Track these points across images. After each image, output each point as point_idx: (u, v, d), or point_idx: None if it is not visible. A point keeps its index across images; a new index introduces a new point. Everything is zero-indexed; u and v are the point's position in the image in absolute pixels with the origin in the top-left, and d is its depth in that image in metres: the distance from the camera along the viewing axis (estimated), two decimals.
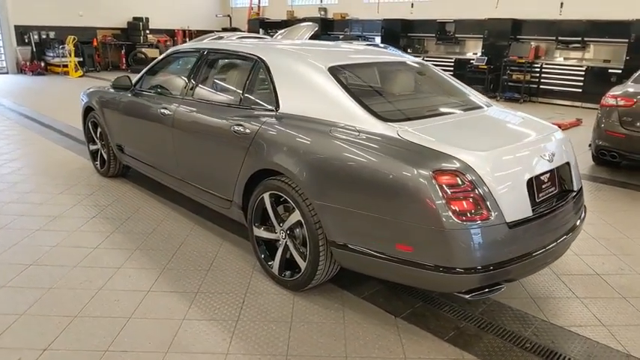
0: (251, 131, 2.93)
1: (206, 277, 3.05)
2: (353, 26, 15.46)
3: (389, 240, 2.34)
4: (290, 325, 2.59)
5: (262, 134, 2.85)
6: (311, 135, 2.62)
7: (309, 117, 2.73)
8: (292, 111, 2.83)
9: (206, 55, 3.58)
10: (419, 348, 2.43)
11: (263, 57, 3.11)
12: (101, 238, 3.60)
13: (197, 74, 3.58)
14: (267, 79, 3.05)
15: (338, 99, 2.70)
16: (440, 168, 2.21)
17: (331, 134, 2.55)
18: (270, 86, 3.00)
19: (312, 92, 2.81)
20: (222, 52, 3.51)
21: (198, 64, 3.60)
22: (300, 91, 2.86)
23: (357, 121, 2.57)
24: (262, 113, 2.97)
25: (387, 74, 3.17)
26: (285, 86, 2.92)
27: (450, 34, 12.77)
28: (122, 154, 4.62)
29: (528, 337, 2.54)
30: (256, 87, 3.17)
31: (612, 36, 9.78)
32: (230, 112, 3.19)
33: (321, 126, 2.63)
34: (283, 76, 2.96)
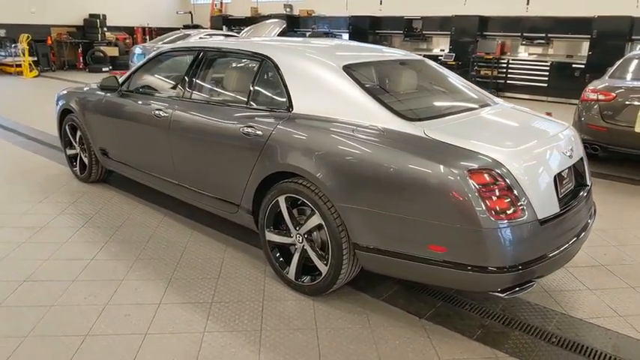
0: (264, 133, 2.82)
1: (217, 286, 2.93)
2: (319, 23, 15.41)
3: (421, 241, 2.30)
4: (316, 332, 2.51)
5: (277, 136, 2.75)
6: (334, 136, 2.54)
7: (328, 117, 2.65)
8: (308, 111, 2.74)
9: (204, 55, 3.43)
10: (451, 349, 2.41)
11: (271, 56, 3.00)
12: (95, 248, 3.39)
13: (195, 74, 3.43)
14: (277, 79, 2.95)
15: (357, 98, 2.64)
16: (474, 167, 2.19)
17: (355, 135, 2.49)
18: (281, 86, 2.90)
19: (328, 92, 2.74)
20: (224, 51, 3.37)
21: (195, 64, 3.44)
22: (315, 91, 2.78)
23: (380, 120, 2.52)
24: (275, 114, 2.87)
25: (397, 72, 3.14)
26: (298, 86, 2.83)
27: (417, 30, 12.94)
28: (106, 158, 4.38)
29: (552, 332, 2.57)
30: (265, 87, 3.06)
31: (575, 32, 10.17)
32: (236, 113, 3.07)
33: (343, 126, 2.56)
34: (296, 75, 2.86)
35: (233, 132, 3.01)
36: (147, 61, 3.92)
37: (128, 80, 4.02)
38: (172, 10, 19.48)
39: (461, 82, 3.32)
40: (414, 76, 3.16)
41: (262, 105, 3.01)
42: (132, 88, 3.98)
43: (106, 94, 4.16)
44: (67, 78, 13.94)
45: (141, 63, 3.98)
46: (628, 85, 4.89)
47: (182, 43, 3.87)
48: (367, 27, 13.68)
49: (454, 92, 3.08)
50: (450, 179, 2.18)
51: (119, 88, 3.98)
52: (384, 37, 13.89)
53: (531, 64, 10.78)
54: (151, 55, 3.91)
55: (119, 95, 4.01)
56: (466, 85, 3.29)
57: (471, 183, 2.16)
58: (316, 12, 15.81)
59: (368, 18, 13.66)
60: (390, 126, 2.48)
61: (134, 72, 4.00)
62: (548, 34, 10.55)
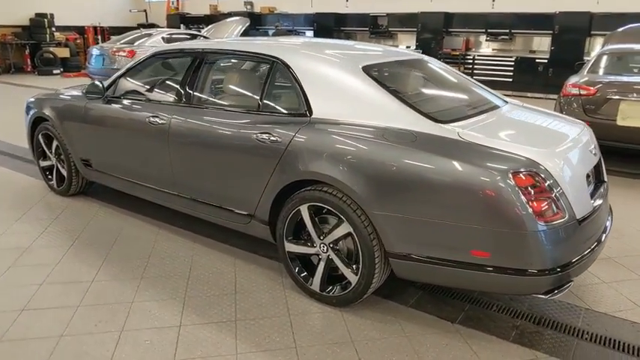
0: (283, 139, 2.69)
1: (237, 302, 2.78)
2: (282, 20, 15.22)
3: (463, 247, 2.25)
4: (353, 345, 2.42)
5: (299, 142, 2.63)
6: (364, 141, 2.44)
7: (353, 122, 2.55)
8: (329, 116, 2.63)
9: (205, 57, 3.24)
10: (492, 354, 2.37)
11: (284, 59, 2.86)
12: (93, 269, 3.15)
13: (196, 78, 3.23)
14: (291, 82, 2.82)
15: (382, 101, 2.56)
16: (517, 169, 2.15)
17: (387, 139, 2.40)
18: (297, 90, 2.77)
19: (350, 95, 2.64)
20: (227, 53, 3.20)
21: (196, 67, 3.24)
22: (335, 95, 2.67)
23: (409, 123, 2.45)
24: (293, 119, 2.74)
25: (413, 72, 3.07)
26: (317, 90, 2.71)
27: (382, 27, 13.01)
28: (89, 169, 4.10)
29: (583, 328, 2.59)
30: (277, 91, 2.93)
31: (537, 28, 10.51)
32: (246, 118, 2.92)
33: (372, 131, 2.47)
34: (312, 78, 2.74)
35: (245, 139, 2.86)
36: (135, 65, 3.68)
37: (114, 85, 3.76)
38: (125, 9, 18.70)
39: (470, 80, 3.30)
40: (429, 75, 3.11)
41: (276, 110, 2.87)
42: (119, 94, 3.73)
43: (88, 101, 3.88)
44: (15, 82, 13.12)
45: (128, 66, 3.73)
46: (608, 80, 5.07)
47: (178, 44, 3.64)
48: (332, 24, 13.63)
49: (468, 92, 3.05)
50: (494, 183, 2.13)
51: (104, 94, 3.72)
52: (350, 34, 13.88)
53: (497, 60, 11.07)
54: (139, 58, 3.67)
55: (105, 102, 3.75)
56: (475, 83, 3.27)
57: (515, 185, 2.12)
58: (278, 9, 15.61)
59: (333, 15, 13.61)
60: (421, 129, 2.41)
61: (120, 76, 3.75)
62: (511, 29, 10.86)
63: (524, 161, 2.20)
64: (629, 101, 4.80)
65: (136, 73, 3.72)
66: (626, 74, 5.29)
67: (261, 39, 3.39)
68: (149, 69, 3.69)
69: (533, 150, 2.28)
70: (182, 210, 3.50)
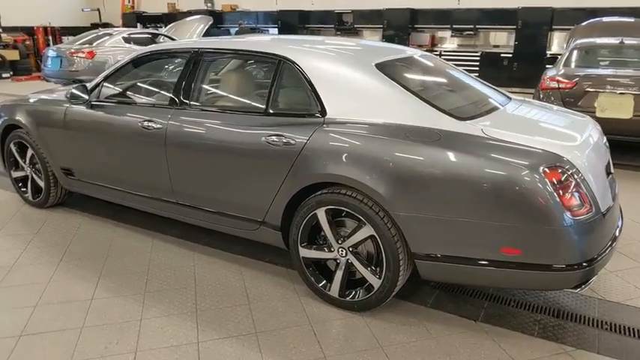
0: (297, 141, 2.58)
1: (253, 313, 2.66)
2: (245, 18, 14.94)
3: (493, 245, 2.23)
4: (383, 350, 2.36)
5: (315, 144, 2.53)
6: (387, 141, 2.38)
7: (372, 121, 2.48)
8: (345, 116, 2.55)
9: (202, 56, 3.08)
10: (521, 350, 2.37)
11: (292, 57, 2.75)
12: (89, 285, 2.95)
13: (194, 79, 3.06)
14: (301, 82, 2.71)
15: (400, 99, 2.50)
16: (546, 164, 2.15)
17: (411, 138, 2.35)
18: (308, 90, 2.67)
19: (366, 93, 2.56)
20: (228, 52, 3.05)
21: (193, 67, 3.08)
22: (350, 93, 2.59)
23: (431, 121, 2.40)
24: (305, 120, 2.64)
25: (421, 69, 3.03)
26: (330, 89, 2.62)
27: (348, 24, 13.00)
28: (70, 179, 3.85)
29: (600, 318, 2.62)
30: (286, 91, 2.81)
31: (501, 23, 10.78)
32: (253, 120, 2.80)
33: (394, 130, 2.41)
34: (324, 77, 2.65)
35: (253, 142, 2.73)
36: (121, 66, 3.46)
37: (98, 88, 3.54)
38: (77, 8, 17.88)
39: (472, 77, 3.29)
40: (436, 72, 3.07)
41: (286, 111, 2.76)
42: (104, 97, 3.51)
43: (69, 106, 3.63)
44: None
45: (113, 68, 3.51)
46: (585, 73, 5.22)
47: (170, 44, 3.45)
48: (297, 21, 13.50)
49: (476, 88, 3.03)
50: (525, 179, 2.12)
51: (89, 98, 3.48)
52: (314, 31, 13.80)
53: (463, 55, 11.26)
54: (125, 59, 3.45)
55: (89, 106, 3.51)
56: (478, 80, 3.27)
57: (546, 181, 2.11)
58: (240, 7, 15.33)
59: (297, 12, 13.49)
60: (443, 127, 2.37)
61: (105, 79, 3.53)
62: (476, 25, 11.09)
63: (552, 156, 2.20)
64: (607, 93, 4.96)
65: (123, 75, 3.51)
66: (601, 67, 5.47)
67: (260, 37, 3.26)
68: (137, 71, 3.49)
69: (557, 144, 2.29)
70: (180, 219, 3.33)
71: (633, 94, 4.86)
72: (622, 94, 4.90)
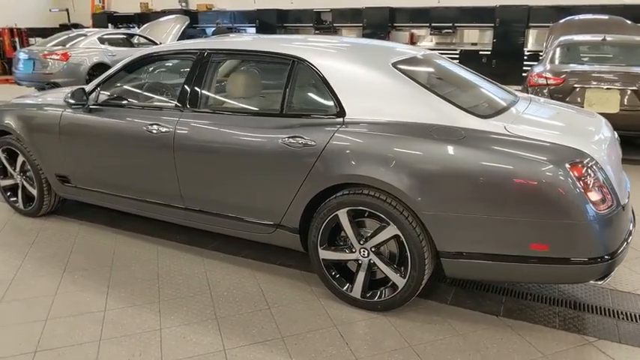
0: (317, 142, 2.55)
1: (275, 318, 2.62)
2: (221, 18, 14.75)
3: (521, 242, 2.25)
4: (413, 350, 2.35)
5: (336, 144, 2.50)
6: (410, 140, 2.37)
7: (393, 121, 2.47)
8: (365, 116, 2.53)
9: (210, 57, 3.00)
10: (547, 343, 2.40)
11: (307, 58, 2.71)
12: (100, 296, 2.84)
13: (203, 80, 2.99)
14: (317, 83, 2.68)
15: (421, 98, 2.50)
16: (572, 160, 2.18)
17: (435, 137, 2.35)
18: (325, 90, 2.64)
19: (386, 93, 2.55)
20: (238, 53, 2.98)
21: (200, 69, 3.00)
22: (370, 94, 2.57)
23: (453, 120, 2.41)
24: (324, 121, 2.61)
25: (433, 68, 3.03)
26: (348, 89, 2.60)
27: (327, 23, 13.00)
28: (66, 186, 3.71)
29: (615, 308, 2.69)
30: (302, 92, 2.78)
31: (480, 21, 10.98)
32: (268, 122, 2.75)
33: (417, 129, 2.40)
34: (342, 77, 2.62)
35: (270, 144, 2.69)
36: (122, 69, 3.35)
37: (95, 91, 3.42)
38: (44, 8, 17.34)
39: (479, 75, 3.33)
40: (446, 71, 3.08)
41: (303, 112, 2.72)
42: (104, 101, 3.39)
43: (64, 110, 3.50)
44: None
45: (112, 71, 3.39)
46: (573, 70, 5.36)
47: (174, 45, 3.35)
48: (275, 21, 13.42)
49: (486, 86, 3.06)
50: (552, 175, 2.15)
51: (87, 102, 3.36)
52: (293, 30, 13.75)
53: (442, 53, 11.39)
54: (124, 61, 3.34)
55: (87, 110, 3.39)
56: (485, 78, 3.30)
57: (573, 176, 2.15)
58: (216, 6, 15.13)
59: (275, 11, 13.41)
60: (466, 125, 2.38)
61: (103, 82, 3.41)
62: (454, 23, 11.25)
63: (575, 151, 2.24)
64: (594, 89, 5.10)
65: (123, 77, 3.40)
66: (587, 63, 5.63)
67: (270, 37, 3.21)
68: (139, 73, 3.39)
69: (577, 140, 2.33)
70: (188, 224, 3.26)
71: (619, 89, 5.01)
72: (608, 90, 5.05)
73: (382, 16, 11.94)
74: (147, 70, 3.41)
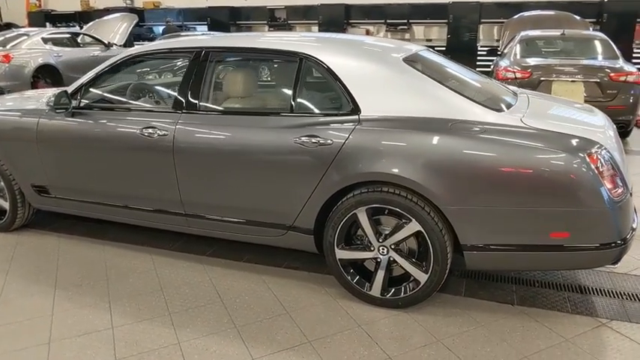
0: (334, 141, 2.51)
1: (297, 322, 2.55)
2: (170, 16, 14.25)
3: (542, 230, 2.32)
4: (442, 343, 2.37)
5: (354, 142, 2.47)
6: (431, 135, 2.38)
7: (411, 117, 2.47)
8: (382, 112, 2.51)
9: (210, 55, 2.87)
10: (565, 328, 2.49)
11: (315, 55, 2.65)
12: (103, 313, 2.66)
13: (202, 80, 2.85)
14: (328, 80, 2.63)
15: (437, 93, 2.51)
16: (589, 149, 2.27)
17: (456, 132, 2.36)
18: (337, 87, 2.60)
19: (401, 89, 2.54)
20: (240, 50, 2.87)
21: (200, 67, 2.86)
22: (384, 90, 2.55)
23: (469, 114, 2.44)
24: (339, 119, 2.56)
25: (438, 64, 3.05)
26: (361, 86, 2.57)
27: (281, 20, 12.88)
28: (44, 197, 3.45)
29: (617, 289, 2.82)
30: (312, 90, 2.72)
31: (433, 17, 11.25)
32: (278, 122, 2.67)
33: (437, 124, 2.41)
34: (354, 74, 2.59)
35: (281, 144, 2.62)
36: (107, 69, 3.14)
37: (78, 94, 3.19)
38: None
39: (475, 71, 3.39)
40: (449, 67, 3.11)
41: (313, 110, 2.67)
42: (88, 104, 3.18)
43: (42, 115, 3.25)
44: None
45: (97, 71, 3.17)
46: (539, 63, 5.60)
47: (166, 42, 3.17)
48: (227, 18, 13.14)
49: (487, 81, 3.12)
50: (573, 164, 2.23)
51: (70, 106, 3.13)
52: (246, 28, 13.53)
53: None
54: (111, 60, 3.14)
55: (69, 114, 3.16)
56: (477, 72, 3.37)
57: (592, 165, 2.23)
58: (164, 4, 14.61)
59: (228, 9, 13.12)
60: (483, 118, 2.42)
61: (86, 84, 3.19)
62: (409, 20, 11.48)
63: (590, 141, 2.33)
64: (560, 81, 5.36)
65: (109, 78, 3.19)
66: (551, 57, 5.90)
67: (273, 34, 3.12)
68: (127, 73, 3.20)
69: (587, 130, 2.43)
70: (188, 231, 3.13)
71: (583, 82, 5.29)
72: (573, 82, 5.32)
73: (337, 12, 11.99)
74: (135, 69, 3.22)
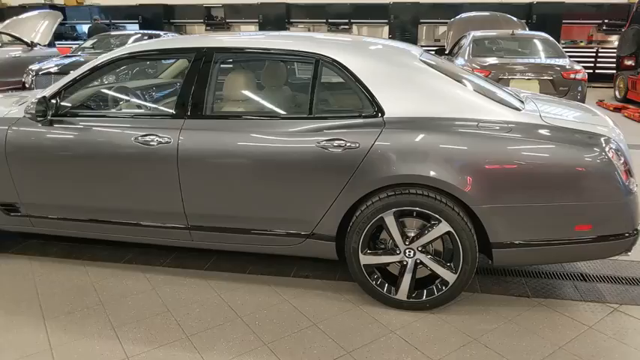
0: (361, 144, 2.43)
1: (328, 333, 2.45)
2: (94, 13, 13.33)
3: (567, 224, 2.40)
4: (479, 342, 2.38)
5: (383, 145, 2.41)
6: (461, 136, 2.37)
7: (436, 117, 2.45)
8: (406, 114, 2.47)
9: (215, 56, 2.67)
10: (583, 315, 2.60)
11: (332, 56, 2.55)
12: (111, 343, 2.40)
13: (208, 82, 2.64)
14: (347, 81, 2.55)
15: (457, 92, 2.52)
16: (611, 146, 2.38)
17: (484, 131, 2.38)
18: (358, 89, 2.52)
19: (422, 89, 2.51)
20: (250, 51, 2.69)
21: (204, 69, 2.65)
22: (406, 90, 2.51)
23: (492, 113, 2.47)
24: (363, 122, 2.49)
25: (446, 64, 3.05)
26: (383, 87, 2.51)
27: (218, 19, 12.49)
28: (13, 216, 3.06)
29: (620, 275, 2.98)
30: (331, 92, 2.63)
31: (375, 17, 11.44)
32: (295, 125, 2.55)
33: (464, 124, 2.41)
34: (375, 75, 2.52)
35: (302, 149, 2.50)
36: (90, 71, 2.82)
37: (57, 100, 2.85)
38: None
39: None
40: (454, 68, 3.13)
41: (334, 113, 2.58)
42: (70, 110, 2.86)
43: (12, 125, 2.87)
44: None
45: (77, 74, 2.84)
46: (496, 62, 5.85)
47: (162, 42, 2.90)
48: (161, 17, 12.53)
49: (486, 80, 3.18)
50: (597, 159, 2.32)
51: (47, 113, 2.79)
52: (181, 27, 12.99)
53: None
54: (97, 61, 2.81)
55: (47, 123, 2.82)
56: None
57: (613, 159, 2.34)
58: (88, 1, 13.64)
59: (161, 6, 12.51)
60: (506, 117, 2.46)
61: (66, 88, 2.85)
62: (350, 19, 11.59)
63: (607, 137, 2.44)
64: (517, 79, 5.65)
65: (93, 81, 2.88)
66: (504, 56, 6.19)
67: (280, 33, 2.96)
68: (113, 75, 2.90)
69: (602, 127, 2.55)
70: (190, 245, 2.91)
71: (538, 79, 5.62)
72: (529, 80, 5.62)
73: (278, 11, 11.84)
74: (125, 72, 2.93)
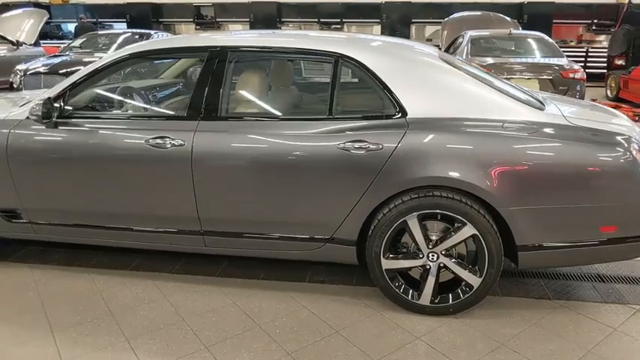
0: (385, 146, 2.36)
1: (353, 341, 2.38)
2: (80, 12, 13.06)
3: (593, 226, 2.37)
4: (507, 347, 2.33)
5: (408, 146, 2.35)
6: (487, 137, 2.32)
7: (461, 117, 2.39)
8: (429, 114, 2.41)
9: (230, 56, 2.58)
10: (605, 317, 2.57)
11: (352, 55, 2.48)
12: (126, 355, 2.30)
13: (223, 82, 2.55)
14: (368, 81, 2.48)
15: (481, 92, 2.47)
16: (636, 146, 2.35)
17: (510, 132, 2.33)
18: (379, 89, 2.46)
19: (445, 89, 2.46)
20: (266, 50, 2.60)
21: (219, 69, 2.56)
22: (428, 90, 2.45)
23: (516, 113, 2.43)
24: (385, 122, 2.42)
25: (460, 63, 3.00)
26: (405, 87, 2.44)
27: (208, 18, 12.33)
28: (14, 223, 2.93)
29: (633, 275, 2.99)
30: (351, 92, 2.56)
31: (366, 17, 11.41)
32: (315, 127, 2.47)
33: (489, 125, 2.36)
34: (396, 75, 2.46)
35: (324, 151, 2.43)
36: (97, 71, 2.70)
37: (60, 101, 2.73)
38: None
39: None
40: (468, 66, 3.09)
41: (355, 114, 2.50)
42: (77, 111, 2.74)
43: (14, 127, 2.75)
44: None
45: (84, 74, 2.72)
46: (495, 61, 5.84)
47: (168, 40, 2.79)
48: (149, 16, 12.31)
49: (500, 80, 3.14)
50: (626, 160, 2.30)
51: (52, 115, 2.67)
52: (170, 26, 12.78)
53: None
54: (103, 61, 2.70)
55: (52, 125, 2.70)
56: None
57: (638, 159, 2.32)
58: None
59: (150, 5, 12.30)
60: (530, 117, 2.42)
61: (72, 87, 2.73)
62: (342, 18, 11.53)
63: (629, 137, 2.41)
64: (517, 79, 5.64)
65: (100, 81, 2.76)
66: (502, 56, 6.19)
67: (297, 32, 2.87)
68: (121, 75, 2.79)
69: (622, 127, 2.52)
70: (202, 251, 2.81)
71: (537, 79, 5.62)
72: (529, 79, 5.63)
73: (269, 10, 11.73)
74: (134, 71, 2.82)
